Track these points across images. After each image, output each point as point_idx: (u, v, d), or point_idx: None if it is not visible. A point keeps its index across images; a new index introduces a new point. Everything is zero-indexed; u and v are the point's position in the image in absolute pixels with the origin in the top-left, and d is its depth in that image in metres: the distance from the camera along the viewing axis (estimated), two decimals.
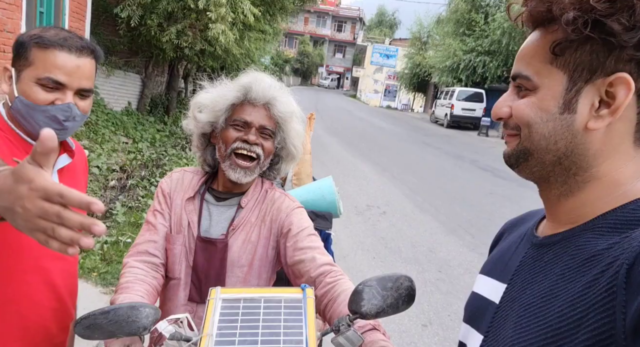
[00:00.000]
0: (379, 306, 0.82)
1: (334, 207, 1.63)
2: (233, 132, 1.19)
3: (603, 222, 0.59)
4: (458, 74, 21.51)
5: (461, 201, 7.15)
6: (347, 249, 4.75)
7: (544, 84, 0.61)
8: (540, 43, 0.62)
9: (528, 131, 0.63)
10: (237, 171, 1.18)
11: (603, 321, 0.49)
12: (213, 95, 1.22)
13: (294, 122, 1.25)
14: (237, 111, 1.20)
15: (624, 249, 0.52)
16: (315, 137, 13.67)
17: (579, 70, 0.58)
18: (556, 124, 0.60)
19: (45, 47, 1.02)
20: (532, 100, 0.62)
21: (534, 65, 0.62)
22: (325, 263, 1.11)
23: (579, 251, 0.59)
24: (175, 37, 7.76)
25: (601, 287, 0.51)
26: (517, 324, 0.61)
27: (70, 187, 0.82)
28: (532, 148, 0.63)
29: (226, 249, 1.19)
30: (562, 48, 0.59)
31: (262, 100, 1.20)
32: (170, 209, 1.24)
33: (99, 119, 7.44)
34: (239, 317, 0.83)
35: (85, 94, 1.09)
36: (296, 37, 47.60)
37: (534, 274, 0.64)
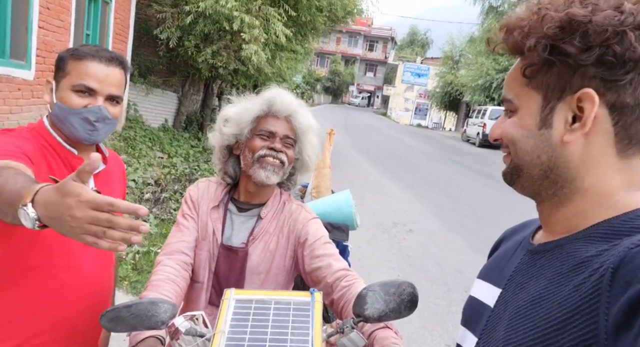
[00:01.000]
0: (382, 310, 0.86)
1: (351, 219, 1.68)
2: (259, 141, 1.28)
3: (594, 231, 0.62)
4: (490, 92, 21.26)
5: (491, 221, 7.01)
6: (372, 267, 4.74)
7: (522, 104, 0.67)
8: (517, 69, 0.68)
9: (514, 148, 0.68)
10: (267, 169, 1.26)
11: (587, 322, 0.52)
12: (239, 108, 1.33)
13: (311, 135, 1.34)
14: (261, 123, 1.30)
15: (610, 255, 0.55)
16: (343, 154, 13.61)
17: (550, 89, 0.64)
18: (536, 140, 0.66)
19: (80, 58, 1.16)
20: (514, 120, 0.68)
21: (514, 89, 0.69)
22: (340, 269, 1.18)
23: (569, 257, 0.62)
24: (211, 57, 8.08)
25: (587, 290, 0.54)
26: (508, 327, 0.64)
27: (105, 190, 1.03)
28: (520, 164, 0.68)
29: (246, 257, 1.27)
30: (531, 71, 0.65)
31: (285, 113, 1.30)
32: (197, 215, 1.33)
33: (137, 135, 7.78)
34: (250, 316, 0.89)
35: (115, 100, 1.21)
36: (328, 56, 48.32)
37: (527, 279, 0.67)
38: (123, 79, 1.23)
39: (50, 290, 1.15)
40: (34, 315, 1.14)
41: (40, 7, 5.19)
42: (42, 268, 1.12)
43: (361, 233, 5.85)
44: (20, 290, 1.12)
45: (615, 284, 0.51)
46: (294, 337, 0.85)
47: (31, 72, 5.32)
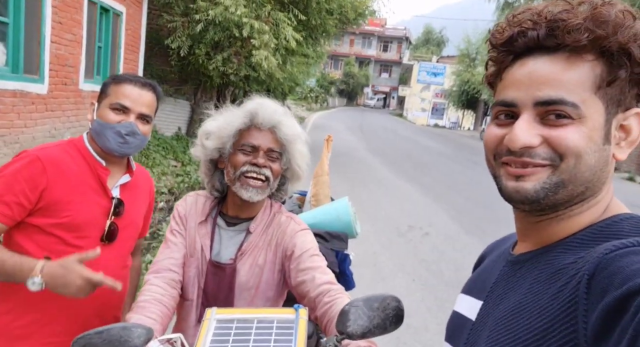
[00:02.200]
0: (365, 326, 0.81)
1: (350, 227, 1.63)
2: (242, 156, 1.23)
3: (573, 238, 0.61)
4: None
5: (510, 223, 6.76)
6: (387, 271, 4.67)
7: (589, 114, 0.59)
8: (580, 71, 0.59)
9: (575, 162, 0.59)
10: (249, 190, 1.22)
11: (567, 331, 0.51)
12: (220, 122, 1.27)
13: (298, 144, 1.28)
14: (244, 136, 1.25)
15: (585, 261, 0.54)
16: (359, 158, 13.61)
17: (612, 102, 0.60)
18: (601, 155, 0.60)
19: (119, 82, 1.36)
20: (581, 130, 0.59)
21: (580, 94, 0.59)
22: (324, 282, 1.12)
23: (547, 265, 0.61)
24: (222, 65, 8.15)
25: (564, 298, 0.53)
26: (488, 339, 0.62)
27: (129, 201, 1.39)
28: (570, 179, 0.60)
29: (234, 274, 1.23)
30: (610, 78, 0.59)
31: (268, 124, 1.25)
32: (185, 230, 1.30)
33: (151, 144, 7.88)
34: (230, 337, 0.85)
35: (145, 119, 1.37)
36: (341, 58, 48.33)
37: (507, 289, 0.66)
38: (154, 102, 1.40)
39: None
40: (46, 307, 1.27)
41: (53, 22, 5.29)
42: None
43: (376, 237, 5.78)
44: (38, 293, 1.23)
45: (592, 291, 0.50)
46: None
47: (44, 86, 5.43)
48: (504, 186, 0.64)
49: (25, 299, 1.23)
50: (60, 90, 5.75)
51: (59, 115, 5.80)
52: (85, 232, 1.30)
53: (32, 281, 1.11)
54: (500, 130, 0.64)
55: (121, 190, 1.39)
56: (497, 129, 0.65)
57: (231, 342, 0.84)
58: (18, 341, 1.26)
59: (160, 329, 1.09)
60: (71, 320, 1.30)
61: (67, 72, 5.83)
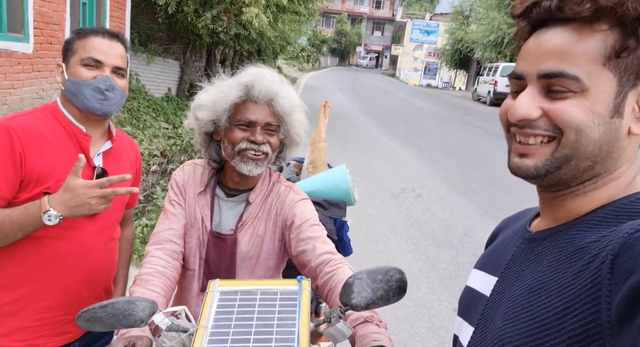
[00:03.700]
0: (369, 298, 0.83)
1: (348, 195, 1.63)
2: (238, 132, 1.20)
3: (594, 216, 0.60)
4: (502, 48, 20.56)
5: (501, 183, 6.92)
6: (379, 233, 4.75)
7: (595, 86, 0.57)
8: (589, 42, 0.57)
9: (576, 136, 0.58)
10: (249, 164, 1.20)
11: (589, 312, 0.50)
12: (213, 94, 1.22)
13: (296, 114, 1.25)
14: (240, 110, 1.20)
15: (609, 241, 0.52)
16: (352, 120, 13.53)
17: (627, 74, 0.57)
18: (606, 128, 0.58)
19: (84, 36, 1.26)
20: (583, 103, 0.58)
21: (584, 66, 0.57)
22: (324, 252, 1.13)
23: (567, 243, 0.59)
24: (211, 22, 7.87)
25: (587, 278, 0.52)
26: (505, 316, 0.62)
27: (113, 169, 1.32)
28: (574, 154, 0.59)
29: (235, 244, 1.23)
30: (621, 48, 0.57)
31: (265, 97, 1.20)
32: (184, 201, 1.28)
33: (141, 105, 7.72)
34: (235, 308, 0.86)
35: (120, 72, 1.29)
36: (333, 16, 46.87)
37: (524, 267, 0.65)
38: (125, 55, 1.32)
39: (49, 261, 1.23)
40: (34, 281, 1.22)
41: None
42: (41, 239, 1.19)
43: (369, 200, 5.84)
44: (21, 258, 1.20)
45: (616, 272, 0.49)
46: (279, 329, 0.83)
47: (30, 45, 5.23)
48: (510, 162, 0.66)
49: (11, 275, 1.20)
50: (46, 49, 5.55)
51: (46, 75, 5.63)
52: None
53: (47, 216, 1.07)
54: (511, 101, 0.65)
55: (104, 158, 1.31)
56: (510, 101, 0.66)
57: (235, 313, 0.85)
58: (7, 318, 1.21)
59: (163, 301, 1.10)
60: (61, 294, 1.25)
61: (52, 30, 5.61)
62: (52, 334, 1.27)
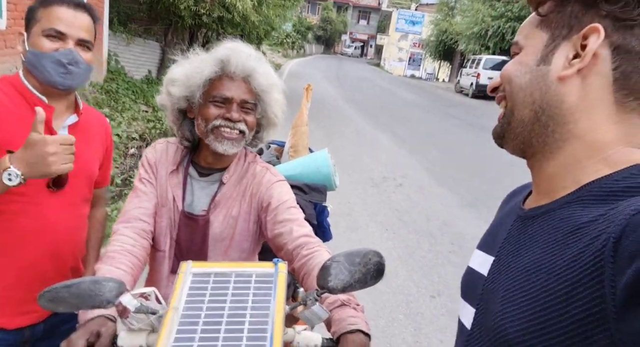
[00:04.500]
0: (346, 281, 0.81)
1: (329, 180, 1.60)
2: (213, 108, 1.15)
3: (587, 193, 0.58)
4: (486, 41, 20.69)
5: (481, 173, 7.02)
6: (360, 221, 4.76)
7: (528, 44, 0.66)
8: (535, 15, 0.67)
9: (509, 86, 0.66)
10: (224, 143, 1.16)
11: (592, 296, 0.49)
12: (187, 69, 1.17)
13: (274, 93, 1.21)
14: (215, 86, 1.15)
15: (610, 222, 0.51)
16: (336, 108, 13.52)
17: (558, 28, 0.63)
18: (532, 75, 0.63)
19: (48, 4, 1.19)
20: (515, 59, 0.67)
21: (524, 31, 0.67)
22: (302, 235, 1.10)
23: (562, 223, 0.58)
24: (193, 4, 7.67)
25: (588, 261, 0.51)
26: (503, 298, 0.61)
27: (79, 144, 1.17)
28: (512, 104, 0.66)
29: (207, 225, 1.19)
30: (546, 10, 0.64)
31: (242, 73, 1.16)
32: (156, 179, 1.24)
33: (120, 87, 7.51)
34: (207, 291, 0.83)
35: (85, 45, 1.22)
36: (319, 3, 46.35)
37: (519, 247, 0.64)
38: (92, 26, 1.25)
39: (11, 236, 1.18)
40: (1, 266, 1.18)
41: None
42: (3, 213, 1.15)
43: (351, 188, 5.84)
44: None
45: (619, 255, 0.47)
46: (254, 312, 0.80)
47: (3, 20, 5.01)
48: None
49: None
50: (19, 25, 5.32)
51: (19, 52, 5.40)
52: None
53: (7, 175, 0.98)
54: None
55: (70, 132, 1.25)
56: None
57: (208, 296, 0.82)
58: None
59: (131, 279, 1.06)
60: (23, 272, 1.21)
61: (26, 5, 5.37)
62: (15, 313, 1.22)
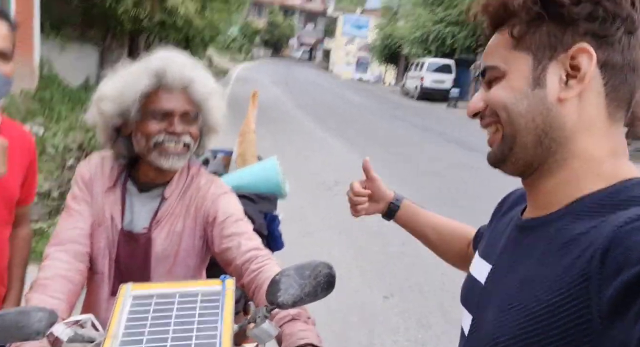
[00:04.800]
0: (296, 295, 0.79)
1: (279, 188, 1.58)
2: (153, 124, 1.09)
3: (582, 206, 0.59)
4: (428, 45, 21.47)
5: (429, 174, 7.25)
6: (313, 226, 4.76)
7: (511, 68, 0.63)
8: (502, 36, 0.65)
9: (506, 114, 0.63)
10: (170, 158, 1.10)
11: (579, 306, 0.49)
12: (118, 84, 1.10)
13: (214, 100, 1.17)
14: (152, 100, 1.09)
15: (599, 233, 0.52)
16: (286, 113, 13.49)
17: (541, 49, 0.61)
18: (530, 100, 0.61)
19: None
20: (502, 84, 0.64)
21: (499, 54, 0.65)
22: (250, 249, 1.07)
23: (556, 235, 0.59)
24: (133, 8, 7.38)
25: (577, 272, 0.51)
26: (499, 308, 0.61)
27: None
28: (513, 132, 0.63)
29: (149, 243, 1.13)
30: (520, 30, 0.62)
31: (180, 84, 1.10)
32: (91, 197, 1.16)
33: (54, 95, 7.09)
34: (149, 314, 0.79)
35: (3, 55, 1.12)
36: (265, 6, 46.20)
37: (516, 257, 0.65)
38: (9, 34, 1.14)
39: None
40: None
41: None
42: None
43: (303, 192, 5.82)
44: None
45: (606, 267, 0.48)
46: (200, 334, 0.77)
47: None
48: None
49: None
50: None
51: None
52: None
53: None
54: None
55: None
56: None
57: (150, 319, 0.78)
58: None
59: (66, 307, 0.99)
60: None
61: None
62: None
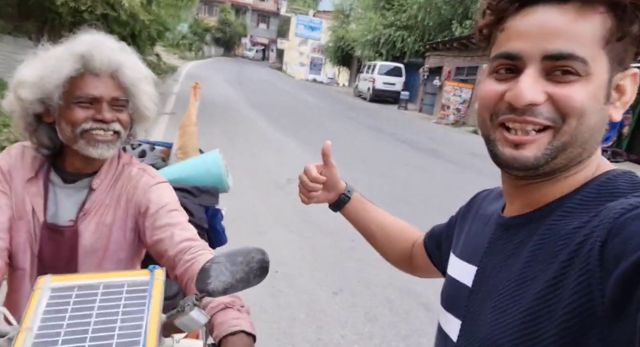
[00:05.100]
0: (228, 282, 0.78)
1: (221, 181, 1.56)
2: (79, 111, 1.03)
3: (572, 201, 0.58)
4: (379, 48, 21.93)
5: (379, 173, 7.39)
6: (265, 224, 4.72)
7: (596, 71, 0.55)
8: (592, 23, 0.54)
9: (577, 123, 0.55)
10: (99, 147, 1.05)
11: (581, 300, 0.48)
12: (40, 68, 1.03)
13: (144, 85, 1.13)
14: (77, 85, 1.03)
15: (594, 226, 0.51)
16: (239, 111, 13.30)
17: (616, 60, 0.56)
18: (600, 115, 0.57)
19: None
20: (587, 88, 0.55)
21: (590, 49, 0.54)
22: (184, 239, 1.05)
23: (550, 231, 0.57)
24: (72, 0, 7.01)
25: (576, 267, 0.50)
26: (494, 309, 0.59)
27: None
28: (570, 142, 0.56)
29: (76, 236, 1.08)
30: (621, 37, 0.55)
31: (108, 69, 1.05)
32: (10, 189, 1.09)
33: None
34: (69, 306, 0.75)
35: None
36: (216, 4, 45.34)
37: (506, 256, 0.62)
38: None
39: None
40: None
41: None
42: None
43: (255, 191, 5.76)
44: None
45: (605, 258, 0.47)
46: (123, 324, 0.74)
47: None
48: (500, 153, 0.60)
49: None
50: None
51: None
52: None
53: None
54: (501, 85, 0.59)
55: None
56: (497, 85, 0.60)
57: (70, 311, 0.74)
58: None
59: None
60: None
61: None
62: None
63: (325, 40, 33.96)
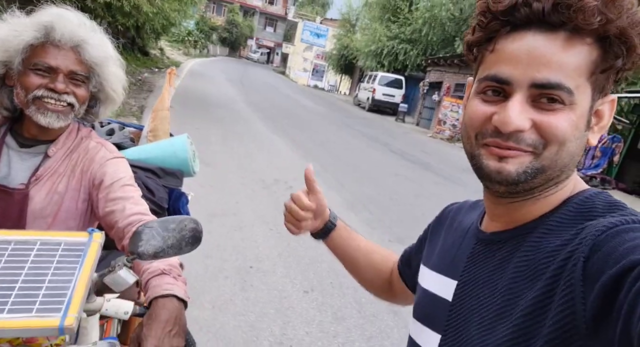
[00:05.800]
0: (158, 246, 0.81)
1: (186, 165, 1.60)
2: (35, 77, 1.07)
3: (552, 219, 0.60)
4: (381, 59, 22.10)
5: (368, 180, 7.44)
6: (246, 221, 4.75)
7: (580, 100, 0.57)
8: (582, 54, 0.56)
9: (558, 149, 0.57)
10: (48, 115, 1.08)
11: (564, 314, 0.50)
12: (3, 32, 1.07)
13: (111, 66, 1.17)
14: (37, 53, 1.07)
15: (577, 244, 0.53)
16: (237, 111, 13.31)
17: (598, 88, 0.58)
18: (579, 142, 0.59)
19: None
20: (570, 117, 0.57)
21: (575, 79, 0.56)
22: (134, 213, 1.08)
23: (532, 248, 0.59)
24: None
25: (560, 283, 0.52)
26: (481, 325, 0.60)
27: None
28: (550, 166, 0.58)
29: (26, 200, 1.11)
30: (606, 69, 0.57)
31: (70, 42, 1.09)
32: None
33: None
34: (3, 258, 0.78)
35: None
36: (225, 4, 45.60)
37: (489, 272, 0.63)
38: None
39: None
40: None
41: None
42: None
43: (242, 188, 5.80)
44: None
45: (587, 274, 0.49)
46: (54, 278, 0.77)
47: None
48: (485, 165, 0.61)
49: None
50: None
51: None
52: None
53: None
54: (488, 107, 0.61)
55: None
56: (484, 106, 0.61)
57: (3, 263, 0.77)
58: None
59: None
60: None
61: None
62: None
63: (329, 48, 34.20)
